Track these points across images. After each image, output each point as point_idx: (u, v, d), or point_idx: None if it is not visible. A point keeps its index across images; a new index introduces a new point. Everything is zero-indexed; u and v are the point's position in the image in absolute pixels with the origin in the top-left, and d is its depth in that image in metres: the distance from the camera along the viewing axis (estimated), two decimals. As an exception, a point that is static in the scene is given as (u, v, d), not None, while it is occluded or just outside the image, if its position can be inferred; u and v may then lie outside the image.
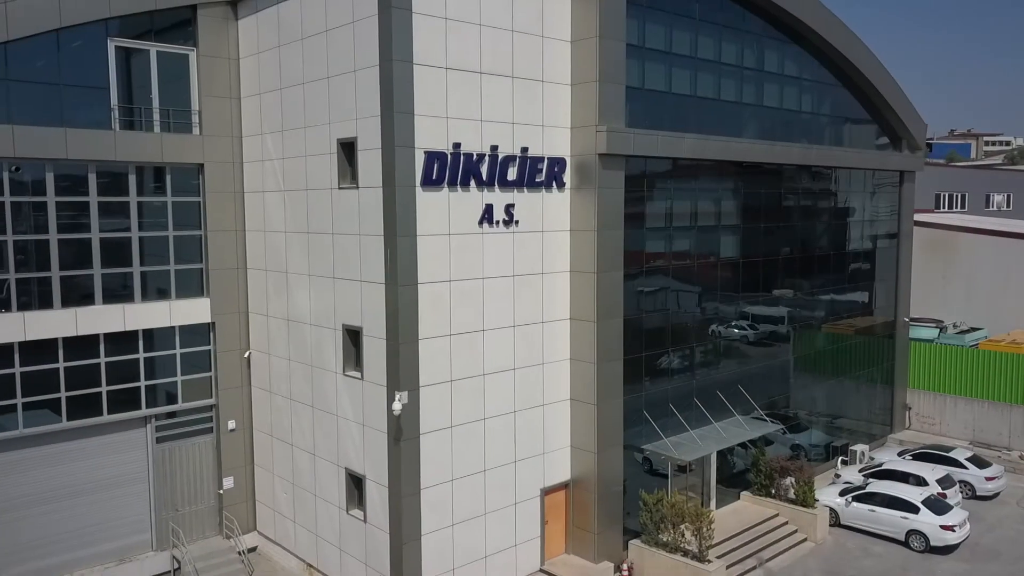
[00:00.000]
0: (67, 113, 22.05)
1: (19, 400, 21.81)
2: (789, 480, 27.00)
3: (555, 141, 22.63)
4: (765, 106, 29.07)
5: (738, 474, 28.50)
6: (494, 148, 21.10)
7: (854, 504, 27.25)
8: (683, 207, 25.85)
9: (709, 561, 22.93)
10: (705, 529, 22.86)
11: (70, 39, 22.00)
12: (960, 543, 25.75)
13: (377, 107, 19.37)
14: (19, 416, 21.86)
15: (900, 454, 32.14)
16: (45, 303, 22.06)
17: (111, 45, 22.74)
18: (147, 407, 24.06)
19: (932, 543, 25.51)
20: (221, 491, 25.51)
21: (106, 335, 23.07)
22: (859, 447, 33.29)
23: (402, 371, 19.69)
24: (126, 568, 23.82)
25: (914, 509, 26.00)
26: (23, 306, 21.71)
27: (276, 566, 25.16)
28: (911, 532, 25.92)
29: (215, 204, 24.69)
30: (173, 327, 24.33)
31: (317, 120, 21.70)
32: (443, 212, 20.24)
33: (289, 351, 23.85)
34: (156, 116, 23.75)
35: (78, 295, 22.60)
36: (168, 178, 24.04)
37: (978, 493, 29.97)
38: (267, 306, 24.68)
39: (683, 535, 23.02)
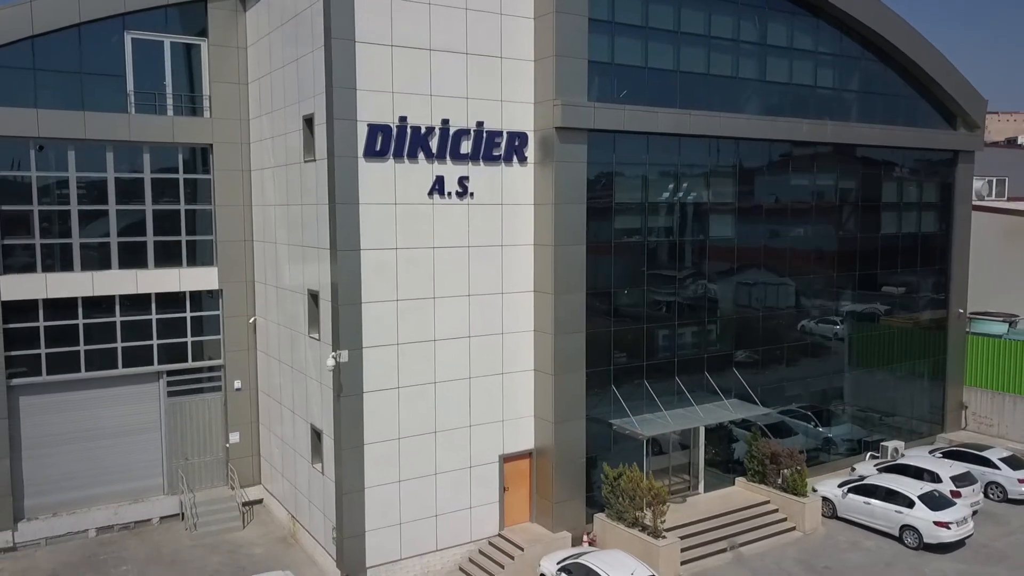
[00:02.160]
0: (87, 99, 24.87)
1: (43, 351, 24.87)
2: (791, 469, 26.05)
3: (517, 116, 23.15)
4: (786, 83, 28.16)
5: (739, 460, 27.78)
6: (445, 122, 21.93)
7: (850, 496, 25.99)
8: (665, 183, 25.58)
9: (663, 537, 22.75)
10: (659, 506, 22.70)
11: (91, 32, 24.79)
12: (957, 542, 24.02)
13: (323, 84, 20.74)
14: (43, 364, 24.91)
15: (932, 451, 30.12)
16: (66, 266, 25.02)
17: (128, 37, 25.43)
18: (159, 364, 26.65)
19: (925, 539, 23.97)
20: (228, 445, 27.81)
21: (121, 297, 25.81)
22: (892, 443, 31.41)
23: (342, 331, 20.95)
24: (138, 508, 26.49)
25: (909, 503, 24.50)
26: (47, 268, 24.74)
27: (272, 517, 27.16)
28: (904, 527, 24.45)
29: (223, 181, 26.97)
30: (183, 292, 26.80)
31: (290, 100, 23.37)
32: (388, 182, 21.31)
33: (278, 317, 25.73)
34: (169, 101, 26.27)
35: (96, 260, 25.43)
36: (180, 157, 26.52)
37: (1010, 496, 27.69)
38: (266, 275, 26.69)
39: (640, 510, 22.93)
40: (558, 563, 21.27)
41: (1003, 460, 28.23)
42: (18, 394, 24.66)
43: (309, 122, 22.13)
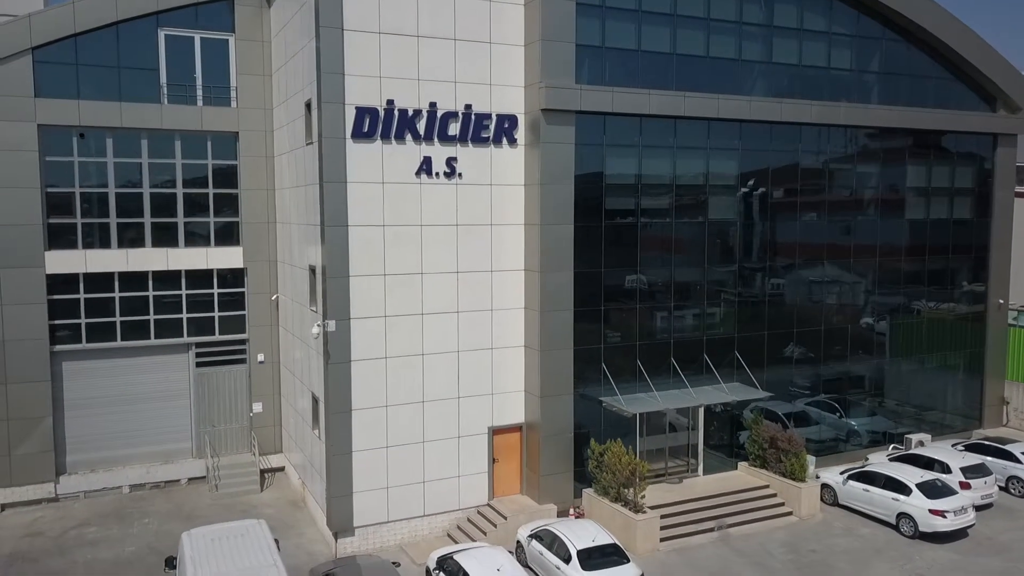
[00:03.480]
0: (124, 91, 27.17)
1: (83, 320, 27.32)
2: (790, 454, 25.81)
3: (507, 99, 23.97)
4: (796, 65, 27.93)
5: (744, 446, 27.59)
6: (432, 105, 22.97)
7: (850, 483, 25.55)
8: (660, 165, 25.82)
9: (643, 512, 23.08)
10: (638, 481, 23.06)
11: (127, 30, 27.06)
12: (955, 531, 23.30)
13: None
14: (83, 333, 27.37)
15: (955, 444, 29.11)
16: (104, 244, 27.41)
17: (161, 33, 27.62)
18: (188, 336, 28.78)
19: (920, 528, 23.39)
20: (252, 414, 29.71)
21: (153, 273, 28.04)
22: (918, 436, 30.49)
23: (330, 302, 22.29)
24: (168, 468, 28.68)
25: (906, 491, 23.93)
26: (87, 245, 27.17)
27: (289, 483, 28.87)
28: (901, 515, 23.92)
29: (248, 166, 28.86)
30: (211, 270, 28.83)
31: (297, 87, 24.90)
32: (376, 162, 22.51)
33: (292, 293, 27.36)
34: (199, 92, 28.35)
35: (130, 239, 27.73)
36: (209, 144, 28.56)
37: (1031, 491, 26.57)
38: (284, 255, 28.41)
39: (623, 485, 23.33)
40: (531, 530, 21.94)
41: (1026, 454, 27.07)
42: (61, 359, 27.19)
43: (308, 107, 23.58)
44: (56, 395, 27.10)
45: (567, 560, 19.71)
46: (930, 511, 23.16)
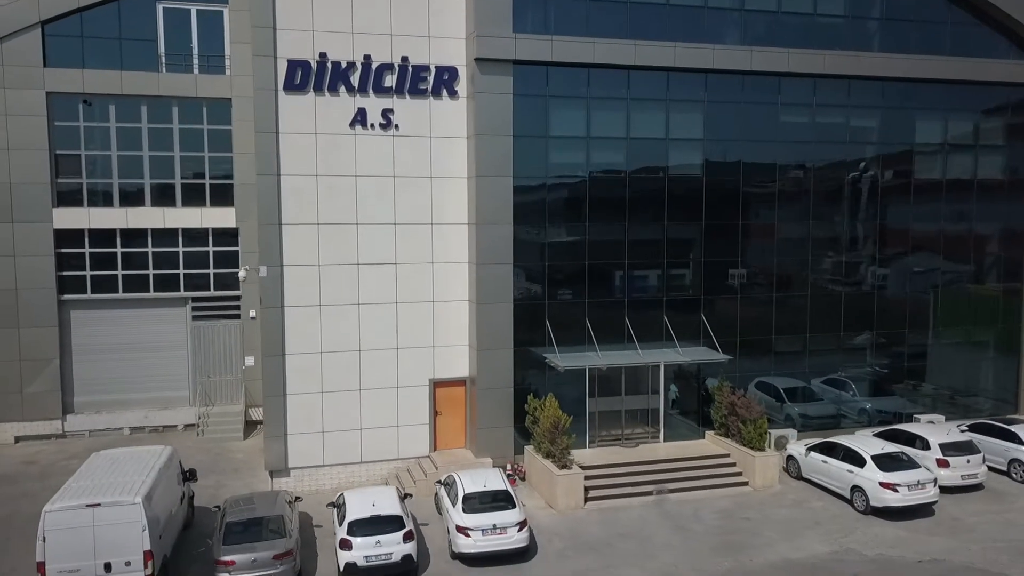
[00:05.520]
0: (125, 60, 29.32)
1: (88, 273, 29.70)
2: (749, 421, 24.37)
3: (447, 51, 23.99)
4: (774, 12, 26.30)
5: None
6: (367, 57, 23.37)
7: (811, 454, 23.79)
8: (611, 118, 24.98)
9: (568, 468, 22.52)
10: (560, 436, 22.52)
11: (128, 3, 29.15)
12: (910, 507, 21.22)
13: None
14: (88, 284, 29.77)
15: (958, 425, 26.41)
16: (107, 202, 29.69)
17: (159, 6, 29.58)
18: (185, 291, 30.67)
19: (871, 502, 21.46)
20: (244, 367, 31.24)
21: (152, 230, 30.08)
22: (928, 416, 27.94)
23: (261, 249, 23.17)
24: (166, 414, 30.67)
25: (861, 463, 22.03)
26: (91, 203, 29.53)
27: (272, 432, 30.16)
28: (854, 488, 22.06)
29: (240, 130, 30.26)
30: (206, 229, 30.58)
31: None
32: (309, 114, 23.17)
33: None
34: (195, 61, 30.13)
35: (131, 198, 29.88)
36: (204, 110, 30.29)
37: (1033, 475, 23.74)
38: (268, 214, 29.65)
39: (550, 441, 22.86)
40: (443, 478, 21.92)
41: (1032, 435, 24.19)
42: (69, 308, 29.70)
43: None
44: (64, 340, 29.62)
45: (454, 503, 19.62)
46: (880, 484, 21.21)
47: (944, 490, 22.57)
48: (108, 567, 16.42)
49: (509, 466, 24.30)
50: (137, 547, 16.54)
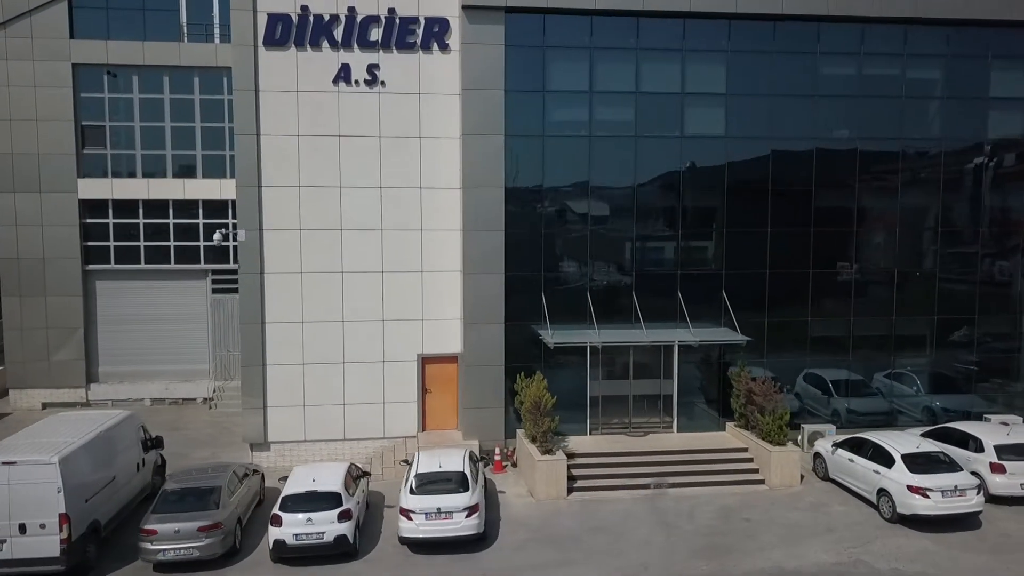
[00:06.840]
0: (148, 31, 29.35)
1: (111, 243, 29.94)
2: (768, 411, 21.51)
3: (437, 2, 22.36)
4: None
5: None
6: (351, 9, 22.05)
7: (838, 452, 20.64)
8: (617, 71, 22.58)
9: (551, 453, 20.43)
10: (542, 418, 20.46)
11: (151, -25, 29.26)
12: (945, 517, 17.85)
13: (237, -21, 22.22)
14: (111, 255, 30.01)
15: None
16: (130, 173, 29.83)
17: (182, -24, 29.49)
18: (205, 263, 30.44)
19: (898, 508, 18.21)
20: (262, 341, 30.72)
21: (173, 201, 30.01)
22: (1002, 417, 24.07)
23: (239, 212, 22.28)
24: (186, 386, 30.58)
25: (889, 462, 18.79)
26: (115, 174, 29.73)
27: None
28: (880, 491, 18.84)
29: (259, 100, 29.79)
30: (226, 200, 30.21)
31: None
32: (290, 70, 22.06)
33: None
34: (216, 31, 29.82)
35: (153, 169, 29.90)
36: (224, 80, 29.93)
37: (1118, 488, 19.64)
38: (282, 184, 28.94)
39: (533, 423, 20.86)
40: (407, 457, 20.37)
41: (1120, 441, 20.05)
42: (94, 278, 30.03)
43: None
44: (89, 310, 29.97)
45: (405, 483, 18.02)
46: (908, 487, 17.94)
47: (998, 500, 19.05)
48: (23, 528, 15.74)
49: (498, 450, 22.41)
50: (52, 509, 15.78)
